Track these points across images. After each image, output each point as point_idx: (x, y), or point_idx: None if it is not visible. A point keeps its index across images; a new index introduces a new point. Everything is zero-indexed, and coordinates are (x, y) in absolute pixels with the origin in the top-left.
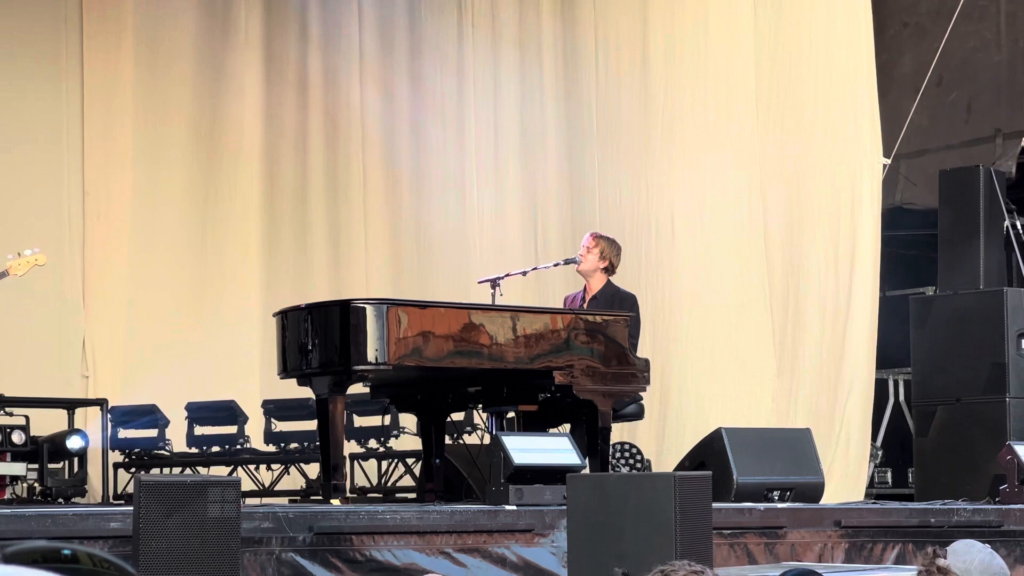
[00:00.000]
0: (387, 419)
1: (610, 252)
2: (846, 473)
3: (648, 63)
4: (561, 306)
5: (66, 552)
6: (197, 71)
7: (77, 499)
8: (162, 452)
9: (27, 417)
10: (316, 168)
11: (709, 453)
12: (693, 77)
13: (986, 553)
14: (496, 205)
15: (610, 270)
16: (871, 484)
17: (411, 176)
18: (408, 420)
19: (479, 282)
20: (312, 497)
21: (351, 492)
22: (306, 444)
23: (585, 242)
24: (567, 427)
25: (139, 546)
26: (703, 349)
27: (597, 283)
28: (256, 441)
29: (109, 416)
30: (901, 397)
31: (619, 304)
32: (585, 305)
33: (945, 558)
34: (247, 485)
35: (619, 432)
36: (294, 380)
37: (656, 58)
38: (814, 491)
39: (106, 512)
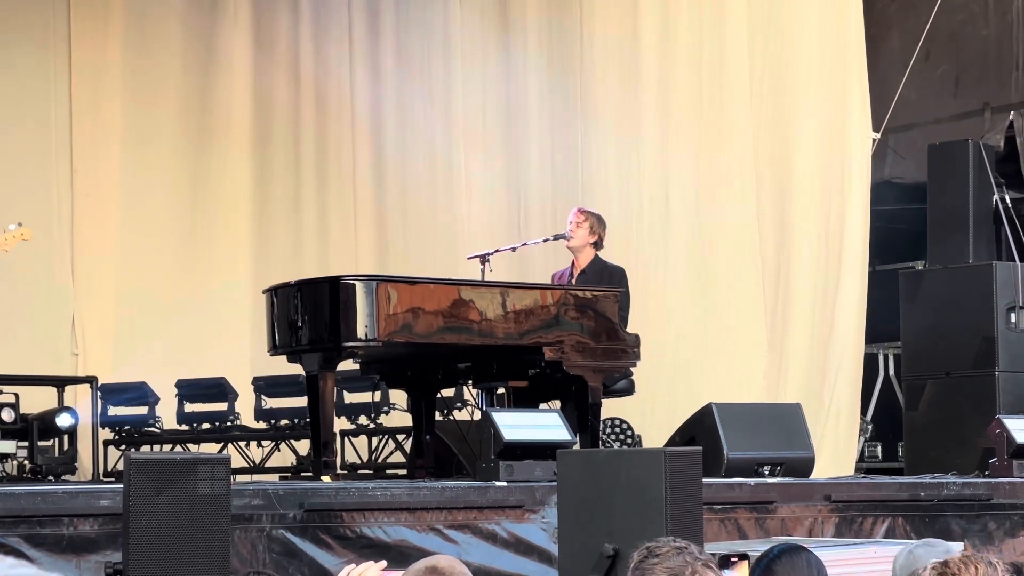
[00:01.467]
0: (377, 395)
1: (598, 227)
2: (836, 448)
3: (640, 39)
4: (549, 282)
5: None
6: (186, 49)
7: (67, 477)
8: (152, 429)
9: (16, 395)
10: (305, 146)
11: (699, 428)
12: (686, 53)
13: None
14: (483, 183)
15: (598, 244)
16: (861, 458)
17: (399, 154)
18: (398, 396)
19: (468, 258)
20: (302, 474)
21: (341, 469)
22: (296, 421)
23: (573, 217)
24: (557, 403)
25: (129, 524)
26: (694, 324)
27: (585, 258)
28: (246, 418)
29: (99, 393)
30: (891, 371)
31: (608, 278)
32: (574, 280)
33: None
34: (237, 462)
35: (609, 408)
36: (284, 357)
37: (648, 34)
38: (804, 466)
39: (96, 490)
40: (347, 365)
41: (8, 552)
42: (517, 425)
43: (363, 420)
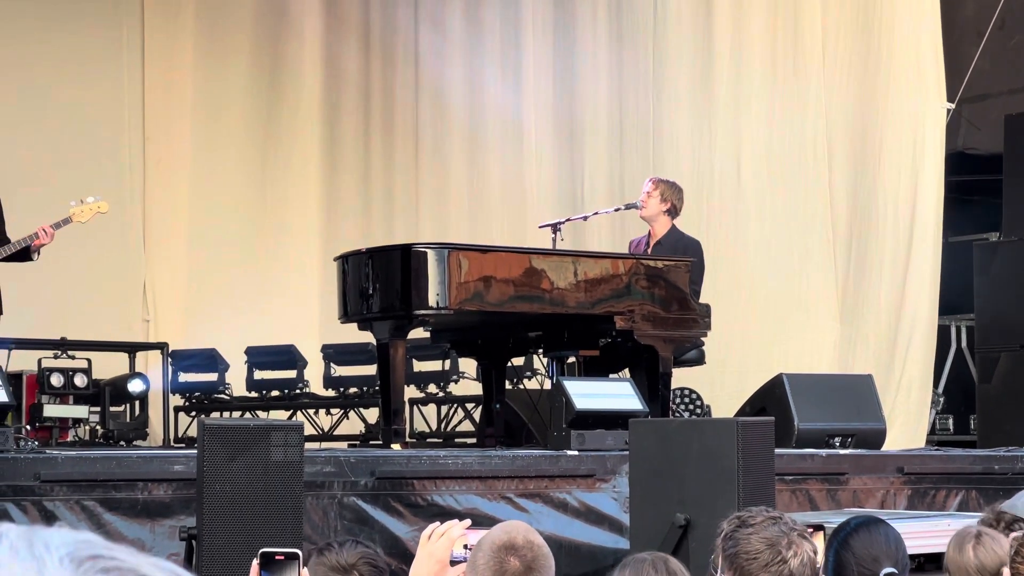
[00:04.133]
0: (447, 364)
1: (671, 194)
2: (907, 420)
3: (713, 9)
4: (625, 251)
5: None
6: (257, 16)
7: (138, 442)
8: (222, 396)
9: (89, 360)
10: (375, 114)
11: (770, 399)
12: (760, 23)
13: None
14: (551, 151)
15: (673, 213)
16: (932, 431)
17: (467, 121)
18: (468, 365)
19: (540, 227)
20: (371, 442)
21: (410, 437)
22: (365, 389)
23: (646, 187)
24: (626, 372)
25: (203, 489)
26: (766, 295)
27: (661, 228)
28: (315, 386)
29: (169, 360)
30: (964, 344)
31: (683, 250)
32: (649, 250)
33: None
34: (306, 430)
35: (679, 377)
36: (354, 325)
37: (722, 3)
38: (876, 438)
39: (170, 455)
40: (417, 333)
41: None
42: (588, 394)
43: (432, 388)
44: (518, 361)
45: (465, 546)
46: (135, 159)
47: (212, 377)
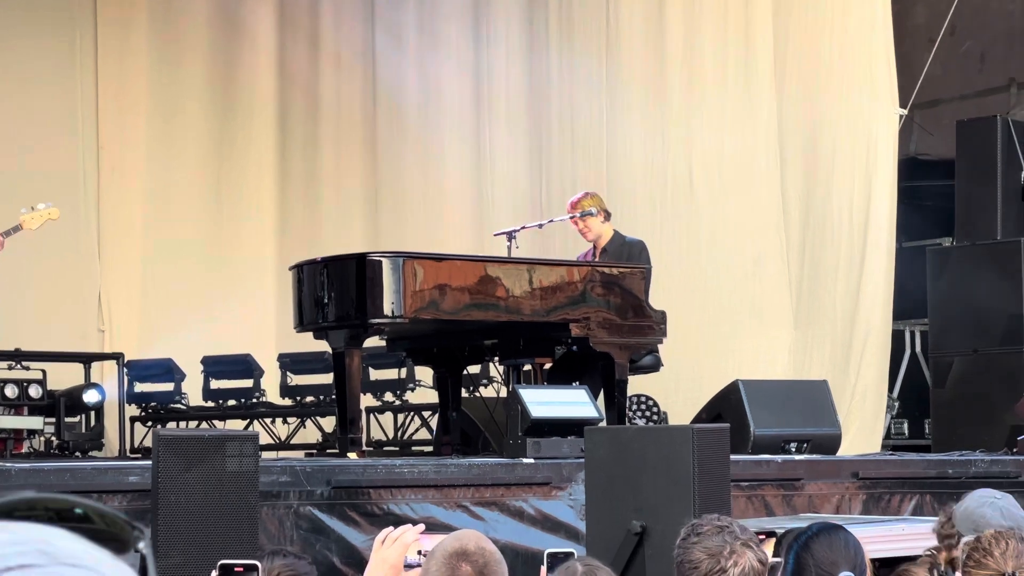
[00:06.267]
0: (403, 372)
1: (597, 203)
2: (862, 425)
3: (665, 14)
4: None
5: (78, 511)
6: (211, 24)
7: (94, 453)
8: (178, 406)
9: (44, 371)
10: (330, 120)
11: (726, 405)
12: (712, 28)
13: (976, 502)
14: (505, 158)
15: (608, 217)
16: (887, 435)
17: (421, 128)
18: (424, 373)
19: (495, 235)
20: (328, 451)
21: (367, 446)
22: (322, 397)
23: (573, 212)
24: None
25: (158, 500)
26: (720, 301)
27: (605, 236)
28: (272, 395)
29: (125, 370)
30: (918, 348)
31: (628, 252)
32: (597, 258)
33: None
34: (263, 439)
35: (635, 384)
36: (310, 333)
37: (674, 9)
38: (831, 443)
39: (125, 466)
40: (373, 342)
41: None
42: (544, 402)
43: (389, 397)
44: (474, 369)
45: (419, 552)
46: (89, 167)
47: (168, 387)
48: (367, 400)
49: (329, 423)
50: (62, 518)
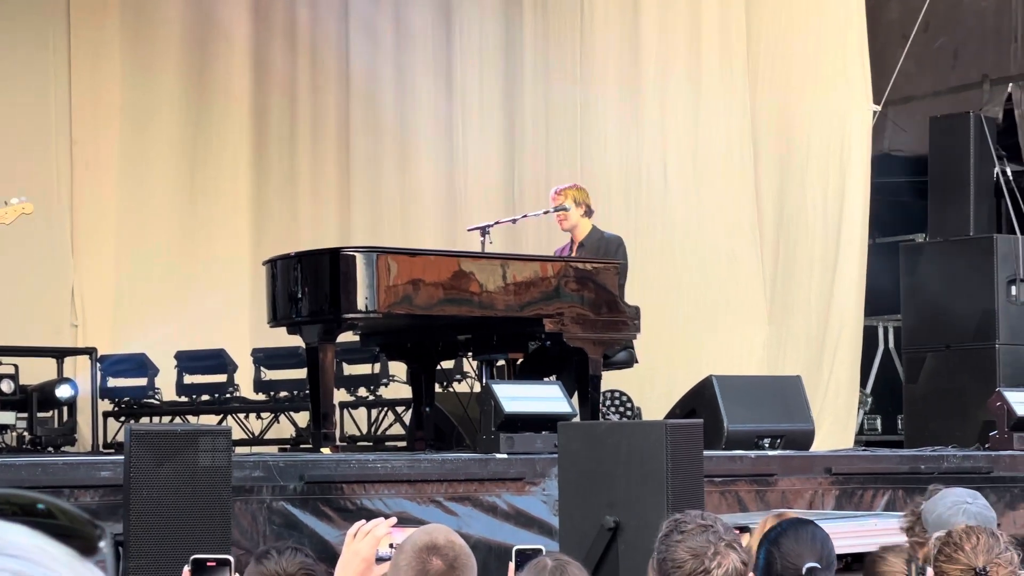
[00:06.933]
0: (377, 367)
1: (582, 196)
2: (836, 420)
3: (640, 9)
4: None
5: (40, 507)
6: (184, 20)
7: (67, 448)
8: (151, 401)
9: (16, 366)
10: (303, 116)
11: (699, 401)
12: (686, 24)
13: (947, 505)
14: (479, 153)
15: (589, 212)
16: (860, 431)
17: (396, 124)
18: (398, 368)
19: (469, 230)
20: (302, 446)
21: (341, 441)
22: (295, 393)
23: (555, 200)
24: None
25: (130, 495)
26: (694, 296)
27: (583, 231)
28: (245, 390)
29: (98, 365)
30: (891, 344)
31: (606, 247)
32: (573, 253)
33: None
34: (236, 434)
35: (608, 380)
36: (284, 329)
37: (648, 4)
38: (804, 438)
39: (97, 461)
40: (347, 337)
41: None
42: (518, 397)
43: (363, 392)
44: (448, 364)
45: (391, 545)
46: (62, 162)
47: (141, 382)
48: (341, 395)
49: (303, 418)
50: (26, 513)
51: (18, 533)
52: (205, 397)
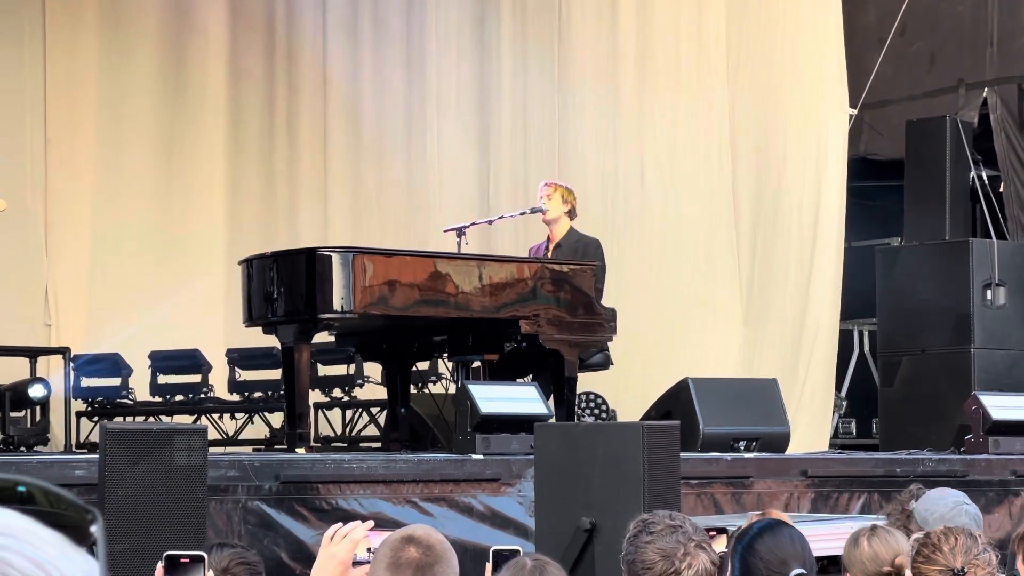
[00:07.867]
0: (352, 368)
1: (570, 197)
2: (811, 423)
3: (618, 11)
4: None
5: (21, 489)
6: (161, 17)
7: (39, 448)
8: (125, 401)
9: None
10: (280, 115)
11: (675, 403)
12: (664, 26)
13: (949, 506)
14: (456, 154)
15: (572, 214)
16: (835, 435)
17: (373, 124)
18: (373, 369)
19: (445, 231)
20: (276, 446)
21: (315, 442)
22: (270, 393)
23: (542, 191)
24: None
25: (105, 494)
26: (670, 298)
27: (560, 230)
28: (220, 390)
29: (72, 364)
30: (866, 348)
31: (583, 250)
32: (549, 254)
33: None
34: (211, 434)
35: (584, 382)
36: (259, 329)
37: (627, 6)
38: (780, 441)
39: (71, 460)
40: (322, 337)
41: None
42: (493, 398)
43: (337, 393)
44: (423, 365)
45: (368, 549)
46: (36, 161)
47: (115, 382)
48: (316, 396)
49: (277, 419)
50: (3, 500)
51: (4, 514)
52: (179, 397)
